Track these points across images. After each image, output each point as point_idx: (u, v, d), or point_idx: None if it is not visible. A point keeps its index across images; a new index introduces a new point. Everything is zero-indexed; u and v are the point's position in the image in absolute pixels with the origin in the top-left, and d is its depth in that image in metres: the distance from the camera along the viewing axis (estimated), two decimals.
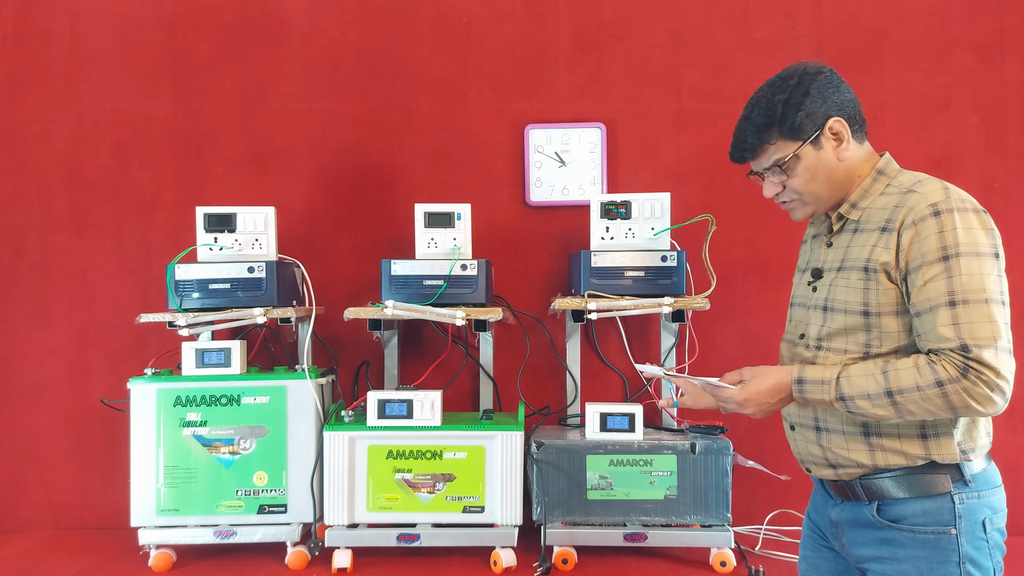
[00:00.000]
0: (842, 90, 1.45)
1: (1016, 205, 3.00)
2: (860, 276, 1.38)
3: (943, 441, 1.38)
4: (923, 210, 1.33)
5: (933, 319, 1.29)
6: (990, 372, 1.25)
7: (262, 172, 3.05)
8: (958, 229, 1.30)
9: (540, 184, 3.02)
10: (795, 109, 1.40)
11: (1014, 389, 1.20)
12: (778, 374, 1.42)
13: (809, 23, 3.03)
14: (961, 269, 1.28)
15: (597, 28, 3.04)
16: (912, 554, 1.37)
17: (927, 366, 1.28)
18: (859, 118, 1.46)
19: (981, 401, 1.26)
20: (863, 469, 1.41)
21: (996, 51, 3.00)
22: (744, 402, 1.43)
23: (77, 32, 3.04)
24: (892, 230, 1.36)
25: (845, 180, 1.45)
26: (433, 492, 2.53)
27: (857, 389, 1.33)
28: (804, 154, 1.42)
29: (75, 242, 3.03)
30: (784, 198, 1.50)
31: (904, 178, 1.45)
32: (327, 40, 3.05)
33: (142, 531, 2.56)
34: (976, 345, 1.25)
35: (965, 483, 1.38)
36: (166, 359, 2.82)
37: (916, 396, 1.28)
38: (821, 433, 1.46)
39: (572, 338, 2.91)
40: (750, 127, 1.45)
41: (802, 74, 1.43)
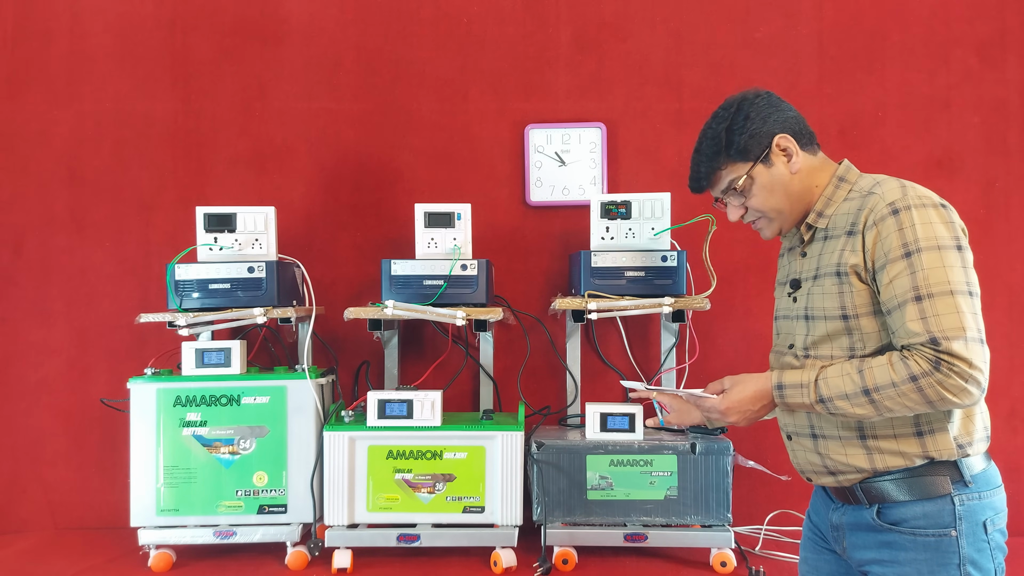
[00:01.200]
0: (782, 108, 1.50)
1: (1017, 205, 3.00)
2: (834, 281, 1.41)
3: (939, 437, 1.38)
4: (882, 210, 1.36)
5: (902, 315, 1.31)
6: (962, 363, 1.26)
7: (262, 172, 3.05)
8: (916, 225, 1.33)
9: (540, 184, 3.02)
10: (739, 133, 1.47)
11: (1014, 390, 1.21)
12: (758, 381, 1.44)
13: (810, 23, 3.03)
14: (923, 264, 1.30)
15: (597, 28, 3.04)
16: (913, 557, 1.37)
17: (900, 362, 1.30)
18: (805, 132, 1.51)
19: (956, 393, 1.27)
20: (863, 474, 1.42)
21: (997, 51, 3.00)
22: (726, 411, 1.45)
23: (77, 31, 3.04)
24: (856, 232, 1.39)
25: (803, 192, 1.49)
26: (433, 492, 2.53)
27: (835, 390, 1.35)
28: (757, 173, 1.48)
29: (75, 242, 3.03)
30: (749, 218, 1.54)
31: (864, 182, 1.47)
32: (327, 40, 3.05)
33: (142, 531, 2.56)
34: (945, 337, 1.27)
35: (965, 484, 1.38)
36: (166, 359, 2.82)
37: (892, 392, 1.30)
38: (818, 440, 1.47)
39: (572, 338, 2.91)
40: (701, 158, 1.52)
41: (740, 101, 1.50)
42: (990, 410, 3.17)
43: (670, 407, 1.76)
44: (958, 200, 3.01)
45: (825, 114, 3.02)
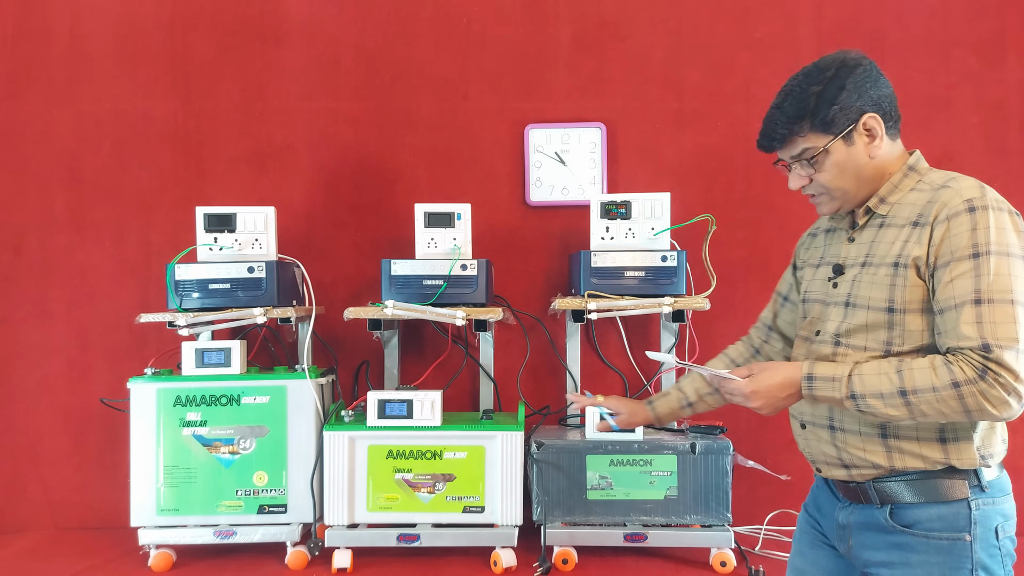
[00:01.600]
0: (880, 84, 1.41)
1: (1017, 205, 2.95)
2: (888, 272, 1.34)
3: (963, 446, 1.33)
4: (958, 205, 1.30)
5: (957, 316, 1.26)
6: (1008, 375, 1.21)
7: (262, 172, 3.05)
8: (991, 228, 1.27)
9: (540, 184, 3.02)
10: (829, 102, 1.37)
11: None
12: (788, 369, 1.38)
13: (809, 23, 3.03)
14: (991, 268, 1.25)
15: (597, 28, 3.04)
16: (925, 560, 1.34)
17: (944, 366, 1.25)
18: (895, 114, 1.43)
19: (996, 404, 1.22)
20: (879, 471, 1.38)
21: (996, 51, 3.00)
22: (751, 394, 1.38)
23: (77, 31, 3.04)
24: (925, 224, 1.32)
25: (874, 177, 1.42)
26: (433, 492, 2.53)
27: (870, 388, 1.29)
28: (834, 149, 1.39)
29: (75, 242, 3.03)
30: (811, 191, 1.46)
31: (935, 175, 1.43)
32: (327, 39, 3.05)
33: (142, 531, 2.56)
34: (998, 346, 1.22)
35: (982, 489, 1.34)
36: (166, 359, 2.82)
37: (931, 397, 1.25)
38: (836, 432, 1.43)
39: (572, 338, 2.91)
40: (781, 116, 1.41)
41: (840, 65, 1.39)
42: None
43: (618, 410, 1.79)
44: None
45: None
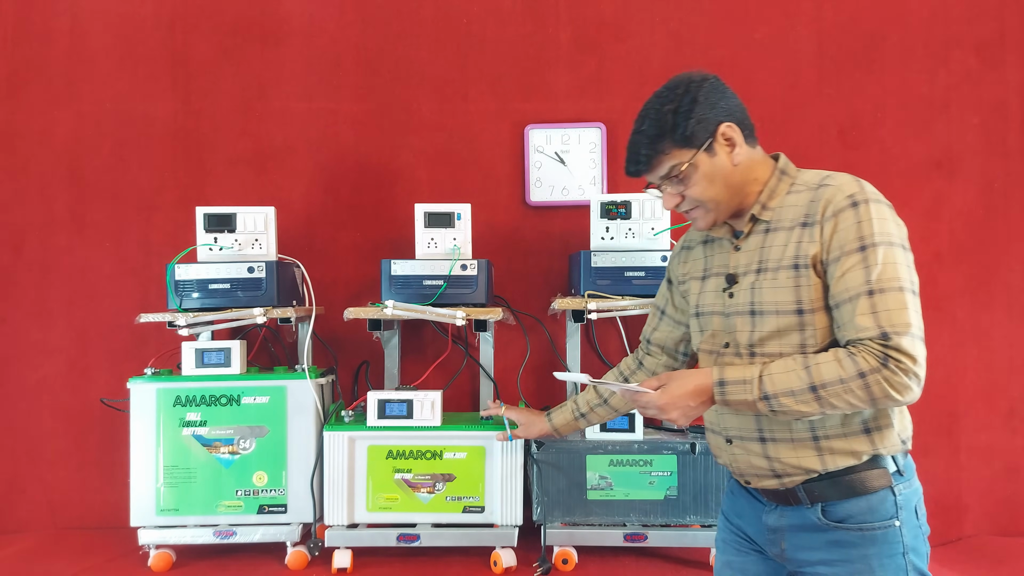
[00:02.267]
0: (728, 96, 1.46)
1: (1016, 206, 3.00)
2: (790, 274, 1.36)
3: (886, 433, 1.38)
4: (841, 201, 1.34)
5: (853, 308, 1.29)
6: (908, 359, 1.26)
7: (262, 172, 3.05)
8: (874, 219, 1.32)
9: (540, 184, 3.02)
10: (685, 117, 1.40)
11: (1014, 390, 1.20)
12: (698, 377, 1.38)
13: (809, 24, 3.03)
14: (879, 259, 1.30)
15: (597, 28, 3.04)
16: (862, 552, 1.36)
17: (848, 358, 1.28)
18: (748, 123, 1.48)
19: (900, 390, 1.26)
20: (810, 475, 1.39)
21: (996, 52, 3.00)
22: (664, 406, 1.38)
23: (77, 31, 3.04)
24: (814, 223, 1.36)
25: (742, 184, 1.45)
26: (433, 492, 2.53)
27: (780, 386, 1.31)
28: (699, 161, 1.42)
29: (75, 242, 3.03)
30: (685, 207, 1.49)
31: (808, 175, 1.46)
32: (327, 40, 3.05)
33: (142, 531, 2.56)
34: (895, 332, 1.26)
35: (900, 473, 1.39)
36: (166, 359, 2.82)
37: (839, 389, 1.27)
38: (767, 444, 1.42)
39: (572, 338, 2.91)
40: (643, 139, 1.44)
41: (688, 83, 1.44)
42: (990, 411, 3.19)
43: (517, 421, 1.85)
44: (958, 201, 3.06)
45: (824, 115, 3.02)
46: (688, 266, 1.61)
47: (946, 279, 3.00)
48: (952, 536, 2.96)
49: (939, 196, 3.01)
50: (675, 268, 1.67)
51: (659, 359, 1.74)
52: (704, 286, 1.53)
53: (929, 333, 3.13)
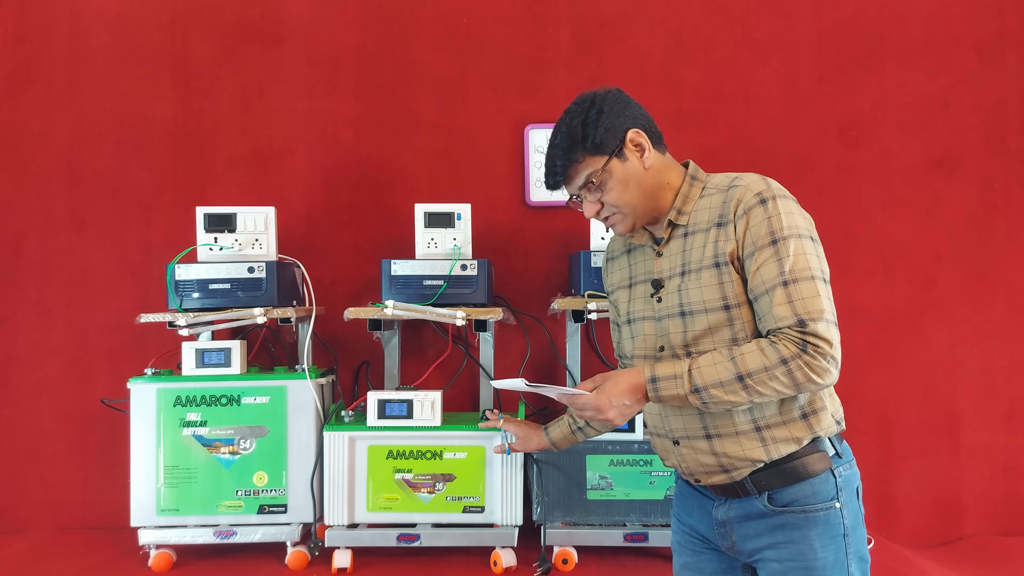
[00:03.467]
0: (632, 105, 1.52)
1: (1016, 205, 3.00)
2: (713, 273, 1.42)
3: (821, 415, 1.43)
4: (751, 199, 1.39)
5: (770, 300, 1.35)
6: (824, 344, 1.31)
7: (262, 172, 3.05)
8: (781, 214, 1.37)
9: (540, 184, 3.02)
10: (593, 126, 1.46)
11: (1014, 390, 1.22)
12: (631, 375, 1.43)
13: (809, 23, 3.03)
14: (789, 250, 1.35)
15: (597, 28, 3.04)
16: (805, 534, 1.41)
17: (770, 346, 1.33)
18: (655, 130, 1.53)
19: (820, 373, 1.32)
20: (756, 465, 1.44)
21: (996, 51, 3.00)
22: (600, 407, 1.42)
23: (77, 32, 3.04)
24: (728, 222, 1.41)
25: (656, 188, 1.50)
26: (433, 492, 2.53)
27: (709, 378, 1.36)
28: (612, 167, 1.47)
29: (75, 242, 3.03)
30: (605, 214, 1.54)
31: (717, 179, 1.51)
32: (327, 40, 3.05)
33: (142, 531, 2.56)
34: (811, 319, 1.32)
35: (839, 456, 1.45)
36: (166, 359, 2.82)
37: (764, 376, 1.33)
38: (713, 440, 1.46)
39: (572, 338, 2.91)
40: (557, 152, 1.50)
41: (593, 96, 1.50)
42: (990, 410, 3.19)
43: (515, 435, 1.87)
44: (957, 200, 3.07)
45: (824, 114, 3.02)
46: (614, 276, 1.66)
47: (946, 279, 3.00)
48: (952, 536, 2.96)
49: (939, 196, 3.01)
50: (605, 280, 1.73)
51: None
52: (632, 294, 1.59)
53: (928, 332, 3.15)
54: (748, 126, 3.03)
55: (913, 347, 3.01)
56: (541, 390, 1.49)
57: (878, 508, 2.98)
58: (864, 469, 3.10)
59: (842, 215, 3.02)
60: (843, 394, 3.07)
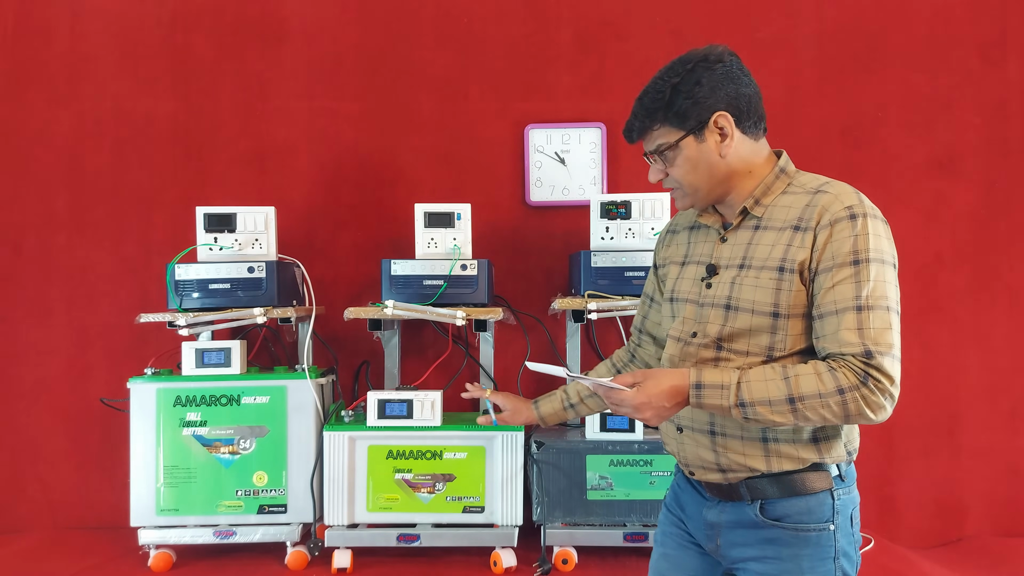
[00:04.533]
0: (739, 83, 1.42)
1: (1018, 205, 2.99)
2: (773, 276, 1.34)
3: (833, 444, 1.38)
4: (839, 211, 1.31)
5: (839, 322, 1.28)
6: (887, 380, 1.26)
7: (262, 172, 3.05)
8: (870, 235, 1.30)
9: (540, 184, 3.02)
10: (683, 96, 1.37)
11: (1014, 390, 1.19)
12: (675, 377, 1.33)
13: (811, 23, 3.02)
14: (871, 275, 1.28)
15: (598, 28, 3.04)
16: (795, 552, 1.36)
17: (828, 373, 1.26)
18: (753, 114, 1.42)
19: (875, 409, 1.26)
20: (754, 473, 1.39)
21: (998, 51, 3.00)
22: (640, 406, 1.33)
23: (77, 30, 3.04)
24: (807, 229, 1.33)
25: (728, 176, 1.41)
26: (433, 492, 2.53)
27: (758, 395, 1.28)
28: (685, 144, 1.39)
29: (75, 241, 3.03)
30: (668, 185, 1.47)
31: (806, 178, 1.43)
32: (328, 39, 3.05)
33: (142, 531, 2.56)
34: (879, 352, 1.26)
35: (841, 479, 1.40)
36: (166, 359, 2.82)
37: (816, 403, 1.26)
38: (716, 438, 1.42)
39: (572, 338, 2.90)
40: (640, 108, 1.42)
41: (700, 60, 1.39)
42: (991, 411, 3.18)
43: (503, 406, 1.80)
44: (959, 200, 3.06)
45: (826, 114, 3.02)
46: (670, 250, 1.58)
47: (947, 279, 2.99)
48: (953, 536, 2.95)
49: (940, 196, 3.01)
50: (659, 252, 1.65)
51: (650, 349, 1.70)
52: (683, 272, 1.51)
53: (930, 333, 3.14)
54: None
55: (914, 348, 2.99)
56: (582, 380, 1.42)
57: (879, 508, 2.97)
58: (865, 469, 3.09)
59: None
60: None
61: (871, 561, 2.64)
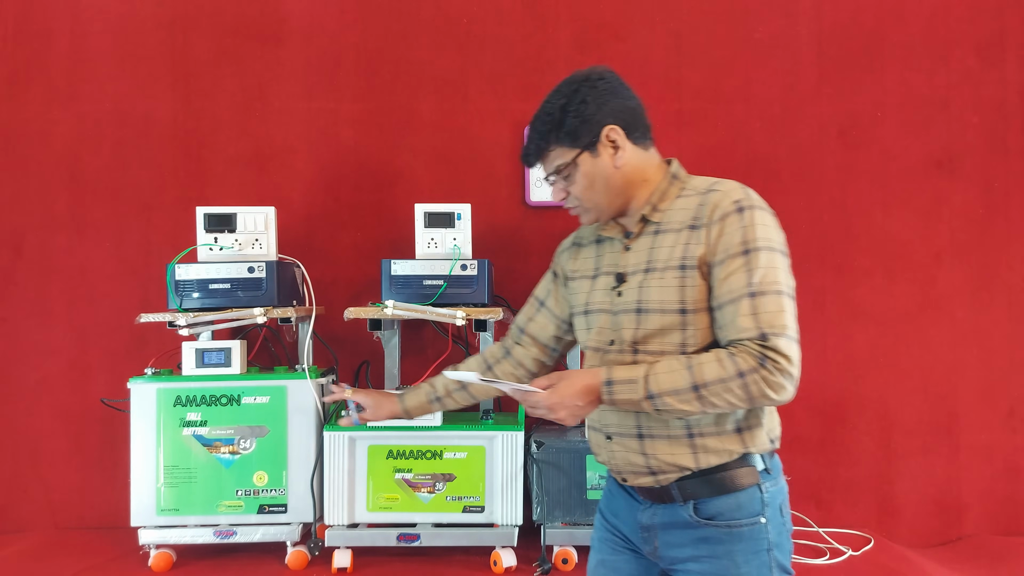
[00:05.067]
0: (622, 96, 1.47)
1: (1016, 205, 3.00)
2: (676, 274, 1.39)
3: (756, 432, 1.41)
4: (728, 206, 1.37)
5: (735, 310, 1.32)
6: (784, 360, 1.29)
7: (262, 172, 3.05)
8: (758, 225, 1.35)
9: (540, 184, 3.02)
10: (571, 115, 1.43)
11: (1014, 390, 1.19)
12: (587, 376, 1.38)
13: (809, 23, 3.03)
14: (760, 262, 1.33)
15: (597, 28, 3.04)
16: (729, 548, 1.39)
17: (728, 358, 1.31)
18: (641, 124, 1.48)
19: (776, 389, 1.29)
20: (684, 472, 1.42)
21: (996, 51, 3.00)
22: (554, 406, 1.37)
23: (77, 31, 3.04)
24: (701, 226, 1.38)
25: (624, 187, 1.47)
26: (433, 492, 2.53)
27: (665, 385, 1.33)
28: (582, 161, 1.44)
29: (75, 242, 3.03)
30: (570, 204, 1.51)
31: (698, 181, 1.48)
32: (327, 40, 3.05)
33: (142, 531, 2.56)
34: (773, 334, 1.29)
35: (767, 472, 1.43)
36: (166, 359, 2.82)
37: (720, 388, 1.30)
38: (644, 440, 1.44)
39: None
40: (533, 132, 1.47)
41: (582, 80, 1.47)
42: (990, 410, 3.18)
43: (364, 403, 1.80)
44: (958, 200, 3.06)
45: (824, 114, 3.02)
46: (579, 263, 1.62)
47: (946, 279, 3.00)
48: (952, 536, 2.96)
49: (939, 195, 3.01)
50: (564, 263, 1.68)
51: (530, 350, 1.75)
52: (595, 284, 1.55)
53: (929, 332, 3.14)
54: (748, 126, 3.03)
55: (913, 347, 3.00)
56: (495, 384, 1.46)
57: (878, 508, 2.98)
58: (864, 469, 3.11)
59: (842, 215, 3.02)
60: (843, 394, 3.08)
61: (871, 560, 2.65)
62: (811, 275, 3.01)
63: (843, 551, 2.68)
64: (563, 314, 1.68)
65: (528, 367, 1.74)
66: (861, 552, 2.70)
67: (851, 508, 2.98)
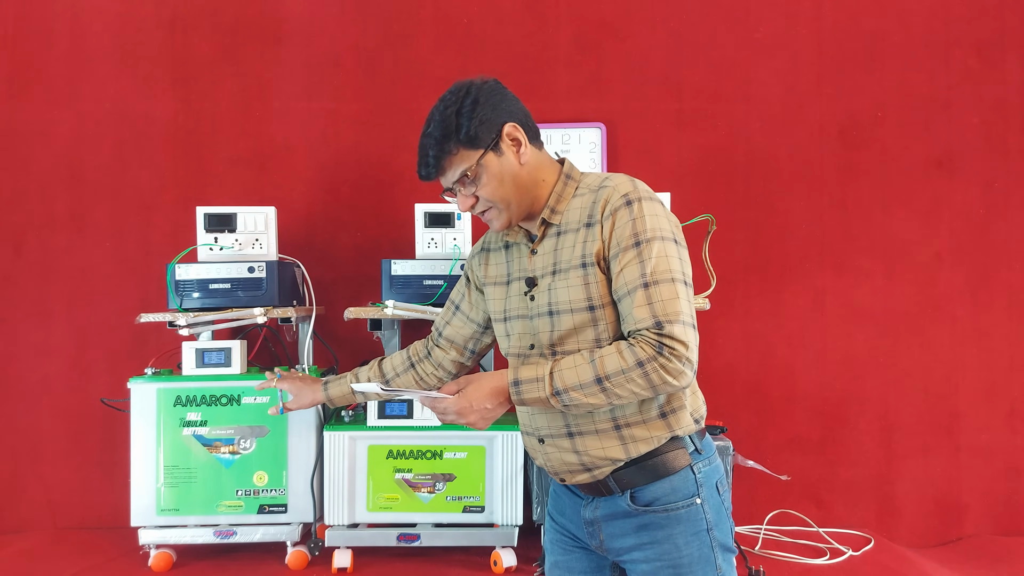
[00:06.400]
0: (509, 98, 1.50)
1: (1016, 205, 3.00)
2: (579, 273, 1.41)
3: (680, 415, 1.43)
4: (617, 201, 1.39)
5: (631, 301, 1.35)
6: (680, 346, 1.31)
7: (262, 172, 3.05)
8: (647, 216, 1.37)
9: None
10: (468, 118, 1.45)
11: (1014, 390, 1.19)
12: (494, 379, 1.41)
13: (809, 23, 3.03)
14: (652, 253, 1.35)
15: (597, 28, 3.04)
16: (668, 533, 1.41)
17: (628, 349, 1.33)
18: (532, 125, 1.51)
19: (675, 375, 1.31)
20: (617, 464, 1.43)
21: (997, 51, 3.00)
22: (462, 411, 1.40)
23: (77, 31, 3.04)
24: (595, 223, 1.41)
25: (532, 184, 1.48)
26: (433, 492, 2.53)
27: (569, 381, 1.35)
28: (487, 161, 1.46)
29: (75, 242, 3.03)
30: (480, 209, 1.52)
31: (590, 178, 1.50)
32: (327, 40, 3.05)
33: (142, 531, 2.56)
34: (668, 321, 1.32)
35: (698, 452, 1.45)
36: (166, 359, 2.82)
37: (622, 379, 1.32)
38: (575, 438, 1.46)
39: None
40: (430, 142, 1.49)
41: (469, 86, 1.49)
42: (990, 410, 3.18)
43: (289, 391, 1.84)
44: (958, 200, 3.06)
45: (825, 114, 3.02)
46: (490, 270, 1.63)
47: (946, 279, 3.00)
48: (952, 536, 2.96)
49: (939, 196, 3.01)
50: (475, 269, 1.69)
51: (448, 354, 1.76)
52: (508, 291, 1.56)
53: (929, 332, 3.14)
54: (748, 126, 3.03)
55: (913, 347, 3.00)
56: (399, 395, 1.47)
57: (878, 508, 2.98)
58: (864, 469, 3.11)
59: (842, 215, 3.02)
60: (843, 394, 3.07)
61: (871, 561, 2.65)
62: (811, 275, 3.01)
63: (843, 551, 2.68)
64: (478, 318, 1.70)
65: (447, 368, 1.76)
66: (861, 552, 2.70)
67: (851, 508, 2.98)
